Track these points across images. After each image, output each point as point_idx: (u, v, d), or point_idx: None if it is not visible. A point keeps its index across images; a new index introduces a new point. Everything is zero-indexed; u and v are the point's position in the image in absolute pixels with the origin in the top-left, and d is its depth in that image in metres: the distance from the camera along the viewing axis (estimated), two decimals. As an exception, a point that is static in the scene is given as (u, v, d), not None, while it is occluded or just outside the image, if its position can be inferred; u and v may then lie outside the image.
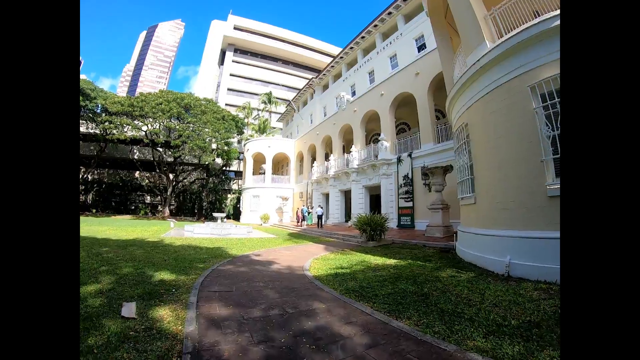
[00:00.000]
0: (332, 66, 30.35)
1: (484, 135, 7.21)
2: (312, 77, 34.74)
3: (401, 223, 16.47)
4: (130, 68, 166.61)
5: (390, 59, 21.66)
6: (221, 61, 65.87)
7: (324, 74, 32.21)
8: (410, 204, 16.28)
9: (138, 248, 9.71)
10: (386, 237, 12.06)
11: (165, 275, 5.93)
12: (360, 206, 20.92)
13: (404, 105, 20.39)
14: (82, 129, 36.04)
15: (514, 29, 6.46)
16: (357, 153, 21.98)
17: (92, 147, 39.46)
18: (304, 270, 7.10)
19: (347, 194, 24.61)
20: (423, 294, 4.88)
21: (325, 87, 32.95)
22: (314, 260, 8.56)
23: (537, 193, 5.65)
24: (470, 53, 7.60)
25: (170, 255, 8.54)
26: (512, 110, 6.30)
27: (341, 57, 28.37)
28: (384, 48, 22.52)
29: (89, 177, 42.37)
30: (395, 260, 8.03)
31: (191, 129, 31.80)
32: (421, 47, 18.46)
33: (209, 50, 66.86)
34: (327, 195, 27.00)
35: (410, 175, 16.47)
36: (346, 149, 27.30)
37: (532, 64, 5.85)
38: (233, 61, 63.29)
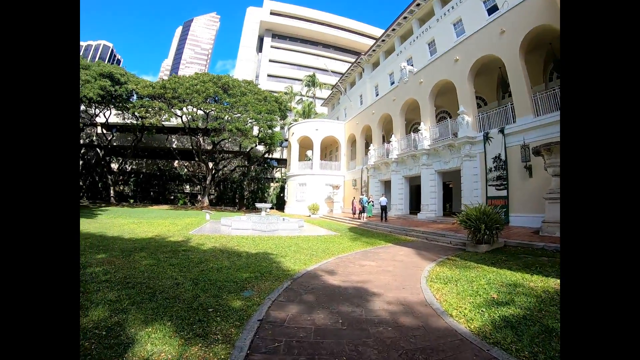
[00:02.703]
0: (383, 40, 27.93)
1: None
2: (361, 55, 32.21)
3: (492, 216, 13.75)
4: (169, 63, 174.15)
5: (454, 25, 19.44)
6: (259, 48, 64.99)
7: (373, 50, 29.80)
8: (503, 192, 13.45)
9: (149, 255, 7.41)
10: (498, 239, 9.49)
11: (158, 344, 3.02)
12: (432, 195, 18.39)
13: (479, 75, 17.52)
14: (118, 119, 36.55)
15: None
16: (427, 132, 19.05)
17: (129, 138, 40.12)
18: (439, 314, 4.14)
19: (412, 181, 22.12)
20: None
21: (376, 64, 30.45)
22: (431, 283, 5.62)
23: None
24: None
25: (190, 271, 5.99)
26: None
27: (393, 30, 26.00)
28: (444, 14, 20.21)
29: (127, 168, 43.60)
30: (557, 280, 5.46)
31: (231, 111, 30.36)
32: (491, 10, 16.20)
33: (246, 38, 66.09)
34: (386, 183, 24.58)
35: (503, 157, 13.56)
36: (407, 129, 24.79)
37: None
38: (272, 47, 61.93)
